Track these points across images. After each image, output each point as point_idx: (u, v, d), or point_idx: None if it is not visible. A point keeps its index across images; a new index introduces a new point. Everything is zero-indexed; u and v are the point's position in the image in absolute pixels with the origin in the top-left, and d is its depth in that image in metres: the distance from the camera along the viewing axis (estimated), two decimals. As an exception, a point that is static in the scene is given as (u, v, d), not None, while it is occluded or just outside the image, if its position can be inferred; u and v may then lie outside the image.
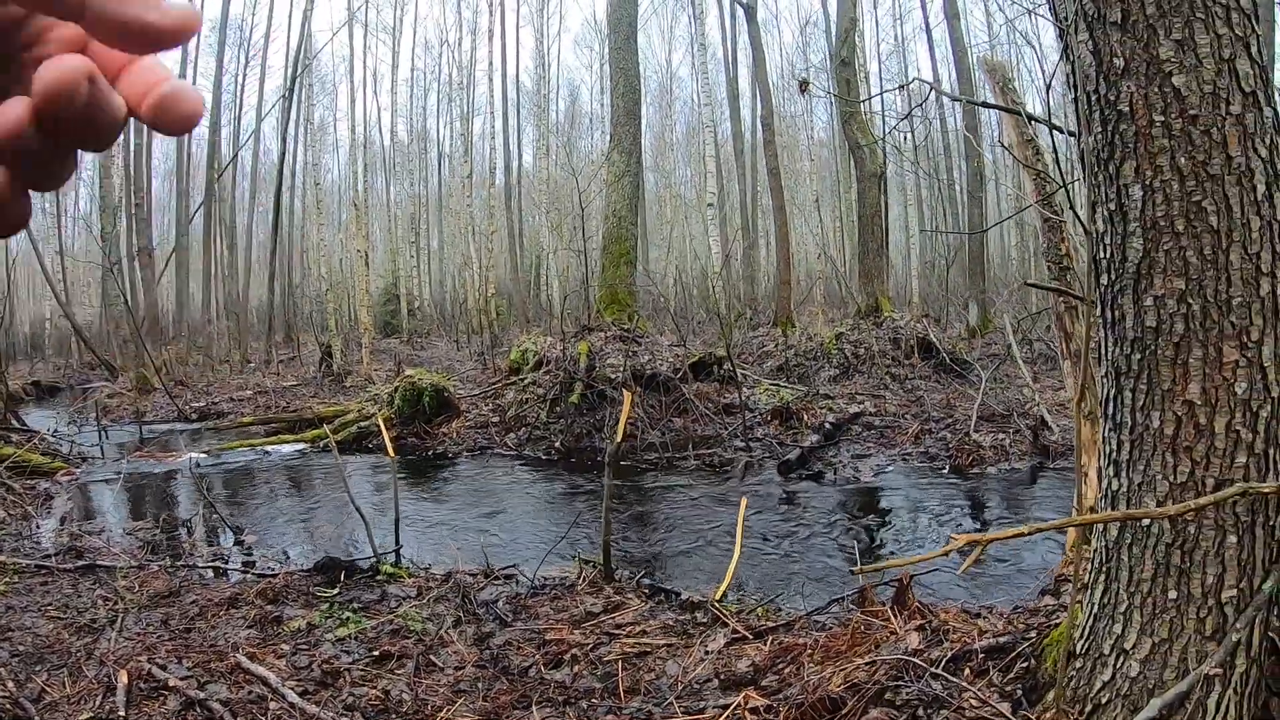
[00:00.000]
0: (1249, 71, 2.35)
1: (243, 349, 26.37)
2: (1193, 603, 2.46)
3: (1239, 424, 2.39)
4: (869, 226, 19.34)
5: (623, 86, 16.88)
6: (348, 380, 19.06)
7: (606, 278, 16.03)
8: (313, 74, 24.26)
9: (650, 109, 39.28)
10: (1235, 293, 2.36)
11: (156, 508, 8.75)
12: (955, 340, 18.34)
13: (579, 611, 5.09)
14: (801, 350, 16.92)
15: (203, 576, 6.21)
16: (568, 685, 4.10)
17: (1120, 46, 2.41)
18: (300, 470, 10.98)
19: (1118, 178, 2.49)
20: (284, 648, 4.50)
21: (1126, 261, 2.51)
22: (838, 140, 32.02)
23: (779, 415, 12.01)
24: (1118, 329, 2.58)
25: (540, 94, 34.89)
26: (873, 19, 35.80)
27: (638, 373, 12.12)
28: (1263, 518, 2.42)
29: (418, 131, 42.45)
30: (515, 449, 11.68)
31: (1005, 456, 9.77)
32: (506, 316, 32.41)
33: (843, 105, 19.37)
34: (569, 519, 7.91)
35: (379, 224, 44.79)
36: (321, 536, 7.74)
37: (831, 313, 25.23)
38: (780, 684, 3.76)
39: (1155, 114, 2.38)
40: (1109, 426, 2.68)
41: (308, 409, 14.39)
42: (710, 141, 24.26)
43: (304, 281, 35.47)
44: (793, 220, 28.29)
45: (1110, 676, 2.61)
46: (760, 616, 4.94)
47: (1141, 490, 2.55)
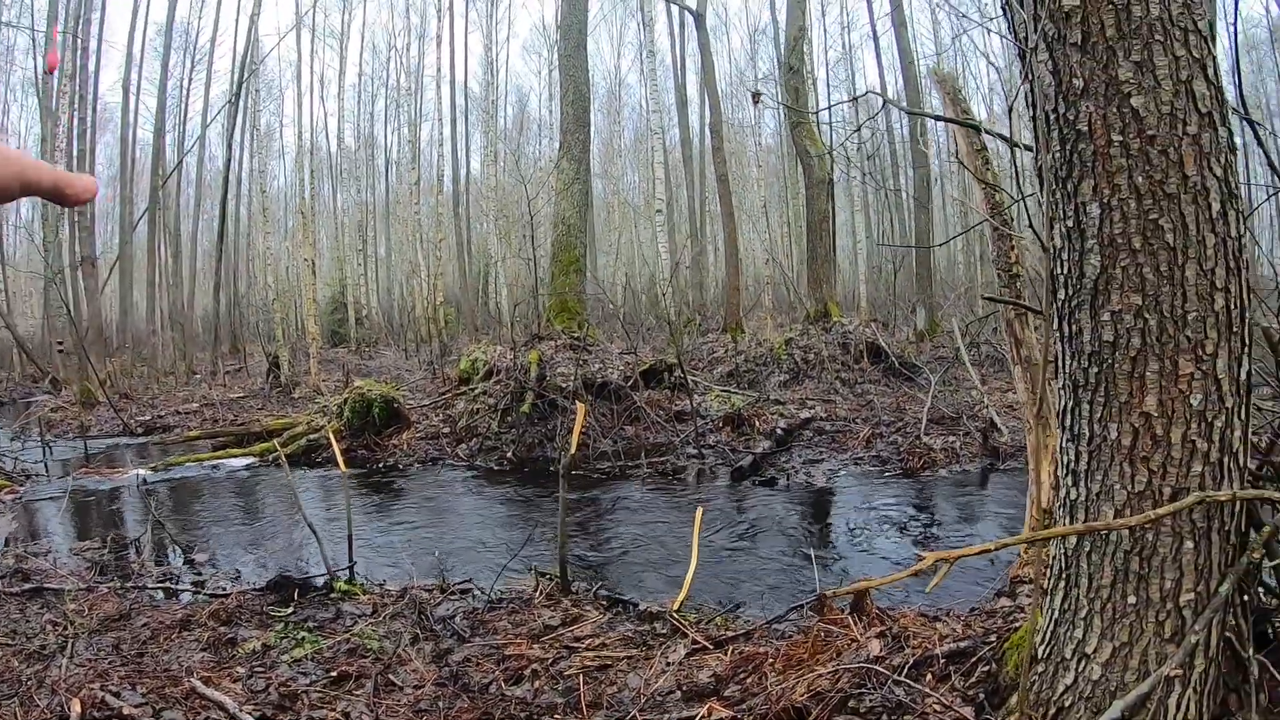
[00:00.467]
0: (1205, 93, 2.41)
1: (188, 360, 25.92)
2: (1152, 607, 2.52)
3: (1195, 434, 2.46)
4: (817, 232, 19.50)
5: (572, 94, 16.88)
6: (296, 391, 18.84)
7: (556, 285, 16.00)
8: (259, 79, 23.90)
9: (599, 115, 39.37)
10: (1190, 308, 2.42)
11: (104, 526, 8.56)
12: (904, 344, 18.55)
13: (537, 625, 5.07)
14: (751, 356, 17.03)
15: (153, 598, 6.08)
16: (529, 701, 4.08)
17: (1080, 67, 2.47)
18: (250, 485, 10.83)
19: (1076, 195, 2.54)
20: (239, 670, 4.42)
21: (1084, 277, 2.56)
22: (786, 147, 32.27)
23: (730, 422, 12.07)
24: (1075, 343, 2.64)
25: (489, 100, 34.78)
26: (821, 27, 36.13)
27: (589, 381, 12.12)
28: (1218, 524, 2.49)
29: (365, 138, 42.16)
30: (467, 460, 11.61)
31: (956, 459, 9.91)
32: (455, 325, 32.22)
33: (792, 113, 19.52)
34: (524, 531, 7.88)
35: (326, 232, 44.26)
36: (274, 554, 7.63)
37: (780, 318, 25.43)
38: (743, 694, 3.77)
39: (1114, 134, 2.43)
40: (1066, 437, 2.74)
41: (256, 422, 14.20)
42: (659, 148, 24.32)
43: (250, 290, 34.99)
44: (741, 226, 28.44)
45: (1073, 680, 2.67)
46: (720, 626, 4.95)
47: (1100, 499, 2.61)
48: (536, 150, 42.72)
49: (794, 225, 32.72)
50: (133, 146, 30.77)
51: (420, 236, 31.63)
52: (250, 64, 23.27)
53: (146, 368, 23.97)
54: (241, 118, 27.98)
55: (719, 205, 26.31)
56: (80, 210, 21.62)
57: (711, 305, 31.40)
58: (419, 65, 36.78)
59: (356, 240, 38.87)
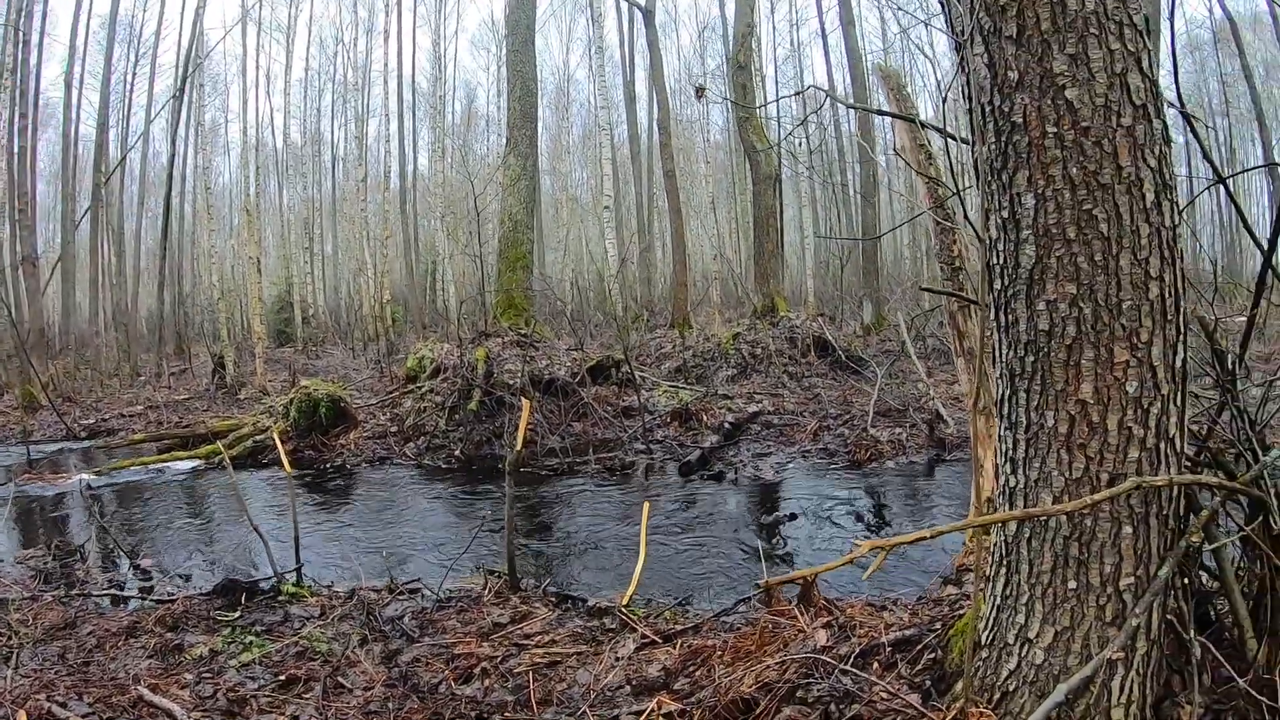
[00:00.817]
0: (1140, 85, 2.45)
1: (132, 361, 25.43)
2: (1092, 591, 2.56)
3: (1131, 421, 2.50)
4: (764, 228, 19.61)
5: (519, 89, 16.81)
6: (242, 392, 18.58)
7: (503, 282, 15.93)
8: (204, 73, 23.49)
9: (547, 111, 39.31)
10: (1125, 296, 2.46)
11: (48, 533, 8.36)
12: (850, 338, 18.73)
13: (486, 623, 5.04)
14: (699, 351, 17.08)
15: (99, 605, 5.96)
16: (479, 700, 4.05)
17: (1015, 60, 2.50)
18: (196, 488, 10.66)
19: (1011, 186, 2.57)
20: (187, 677, 4.34)
21: (1020, 267, 2.59)
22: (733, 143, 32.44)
23: (678, 417, 12.10)
24: (1012, 332, 2.67)
25: (437, 96, 34.52)
26: (769, 24, 36.29)
27: (536, 378, 12.08)
28: (1156, 508, 2.53)
29: (311, 134, 41.57)
30: (415, 458, 11.53)
31: (903, 450, 10.01)
32: (402, 323, 31.98)
33: (739, 109, 19.59)
34: (472, 529, 7.83)
35: (272, 229, 43.70)
36: (220, 557, 7.52)
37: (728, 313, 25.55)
38: (692, 687, 3.78)
39: (1048, 125, 2.46)
40: (1005, 425, 2.77)
41: (201, 424, 13.96)
42: (607, 144, 24.30)
43: (195, 290, 34.39)
44: (689, 222, 28.50)
45: (1016, 665, 2.70)
46: (669, 620, 4.96)
47: (1038, 486, 2.64)
48: (485, 146, 42.58)
49: (742, 221, 32.91)
50: (75, 143, 30.09)
51: (367, 234, 31.39)
52: (195, 58, 22.92)
53: (90, 370, 23.45)
54: (186, 113, 27.58)
55: (667, 201, 26.34)
56: (20, 208, 21.16)
57: (659, 301, 31.46)
58: (367, 60, 36.51)
59: (303, 238, 38.36)
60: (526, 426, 6.23)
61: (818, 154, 31.16)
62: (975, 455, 3.86)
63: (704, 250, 33.66)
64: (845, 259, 26.68)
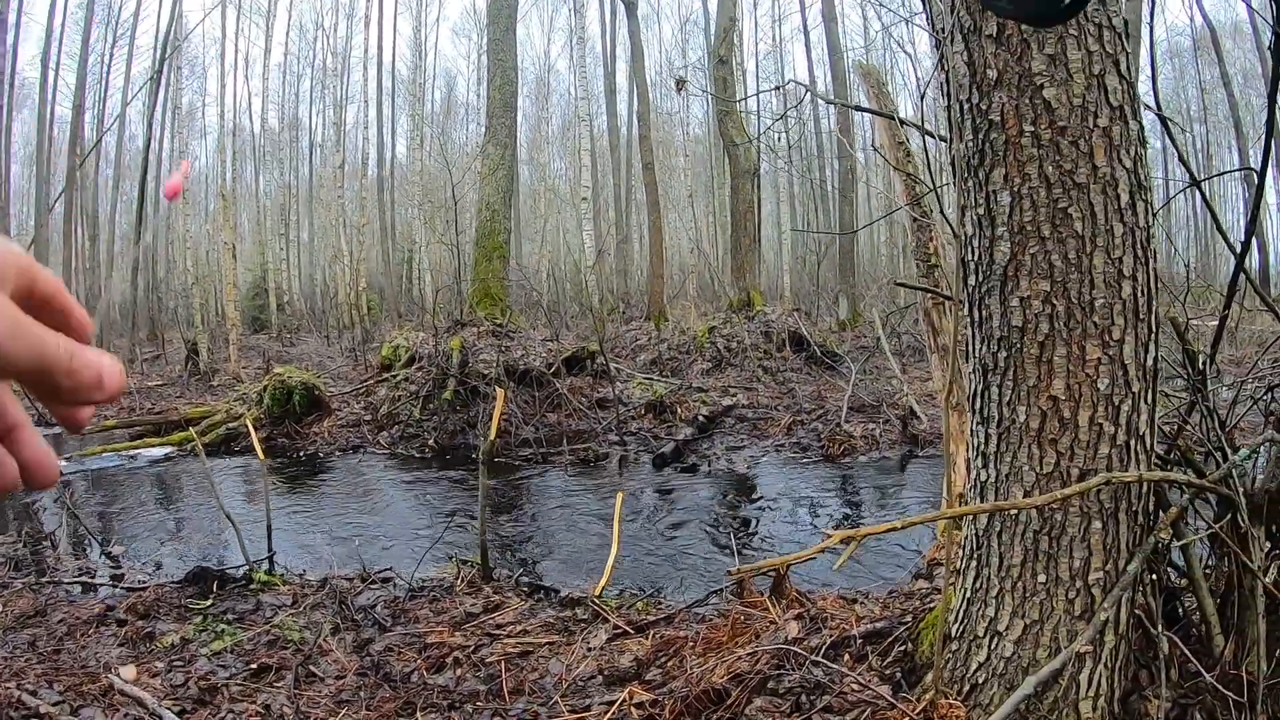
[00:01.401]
0: (1117, 87, 2.47)
1: (105, 346, 25.01)
2: (1061, 585, 2.59)
3: (1101, 417, 2.53)
4: (742, 222, 19.65)
5: (500, 79, 16.76)
6: (215, 379, 18.46)
7: (479, 272, 15.89)
8: (183, 56, 23.28)
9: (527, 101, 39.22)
10: (1098, 294, 2.49)
11: (18, 520, 8.26)
12: (826, 333, 18.78)
13: (459, 613, 5.05)
14: (674, 344, 17.11)
15: (70, 593, 5.92)
16: (451, 689, 4.06)
17: (994, 59, 2.51)
18: (168, 475, 10.58)
19: (987, 184, 2.59)
20: (158, 665, 4.32)
21: (994, 264, 2.61)
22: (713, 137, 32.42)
23: (653, 409, 12.12)
24: (985, 328, 2.69)
25: (416, 83, 34.33)
26: (752, 19, 36.38)
27: (511, 368, 12.08)
28: (1125, 504, 2.56)
29: (289, 119, 41.28)
30: (388, 447, 11.49)
31: (876, 445, 10.07)
32: (378, 311, 31.84)
33: (719, 103, 19.61)
34: (445, 518, 7.84)
35: (247, 215, 43.36)
36: (192, 545, 7.47)
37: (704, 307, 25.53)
38: (664, 678, 3.80)
39: (1025, 124, 2.49)
40: (977, 420, 2.79)
41: (174, 410, 13.85)
42: (586, 135, 24.24)
43: (169, 275, 34.10)
44: (666, 215, 28.50)
45: (986, 657, 2.73)
46: (641, 611, 4.98)
47: (1009, 480, 2.67)
48: (464, 135, 42.43)
49: (719, 215, 32.96)
50: (50, 124, 29.71)
51: (344, 221, 31.20)
52: (174, 40, 22.72)
53: (61, 355, 23.19)
54: (163, 96, 27.27)
55: (645, 194, 26.33)
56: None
57: (636, 293, 31.46)
58: (346, 46, 36.29)
59: (279, 224, 38.12)
60: (501, 416, 6.23)
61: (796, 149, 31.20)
62: (948, 450, 3.89)
63: (681, 243, 33.70)
64: (822, 255, 26.77)
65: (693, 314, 22.04)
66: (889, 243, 34.12)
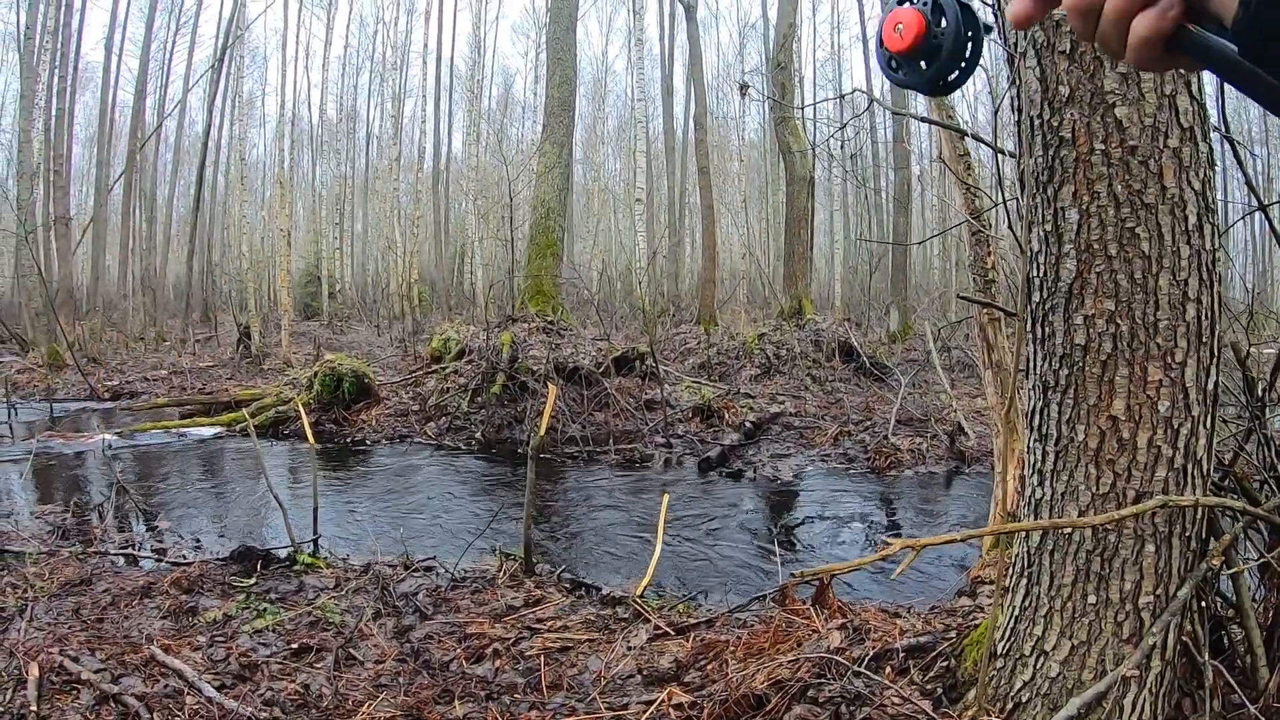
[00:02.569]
0: (1189, 108, 2.45)
1: (158, 326, 25.66)
2: (1111, 607, 2.56)
3: (1160, 440, 2.50)
4: (795, 229, 19.58)
5: (559, 77, 16.83)
6: (266, 363, 18.72)
7: (532, 268, 15.97)
8: (244, 46, 23.62)
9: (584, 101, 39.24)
10: (1162, 316, 2.46)
11: (67, 491, 8.45)
12: (875, 345, 18.68)
13: (500, 605, 5.07)
14: (724, 349, 17.09)
15: (115, 564, 6.03)
16: (490, 680, 4.08)
17: (1067, 75, 2.50)
18: (216, 455, 10.75)
19: (1055, 200, 2.57)
20: (200, 639, 4.39)
21: (1059, 281, 2.60)
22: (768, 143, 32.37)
23: (700, 413, 12.11)
24: (1047, 345, 2.67)
25: (474, 79, 34.53)
26: (811, 25, 36.27)
27: (560, 366, 12.12)
28: (1179, 528, 2.53)
29: (347, 111, 41.77)
30: (435, 438, 11.59)
31: (922, 460, 9.98)
32: (429, 303, 32.09)
33: (777, 109, 19.55)
34: (489, 511, 7.89)
35: (303, 203, 43.94)
36: (237, 524, 7.59)
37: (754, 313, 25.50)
38: (703, 680, 3.80)
39: (1096, 142, 2.47)
40: (1034, 438, 2.77)
41: (224, 391, 14.09)
42: (642, 137, 24.29)
43: (224, 259, 34.65)
44: (720, 220, 28.48)
45: (1030, 676, 2.71)
46: (682, 613, 4.98)
47: (1064, 499, 2.65)
48: (519, 133, 42.62)
49: (773, 221, 32.85)
50: (112, 108, 30.37)
51: (398, 213, 31.51)
52: (235, 30, 23.05)
53: (116, 332, 23.69)
54: (224, 84, 27.74)
55: (699, 197, 26.34)
56: (56, 169, 21.34)
57: (686, 296, 31.44)
58: (406, 40, 36.60)
59: (333, 213, 38.52)
60: (550, 413, 6.26)
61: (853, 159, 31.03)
62: (999, 469, 3.87)
63: (733, 249, 33.65)
64: (874, 265, 26.60)
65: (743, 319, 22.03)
66: (942, 255, 33.78)
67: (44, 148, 21.62)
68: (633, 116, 25.65)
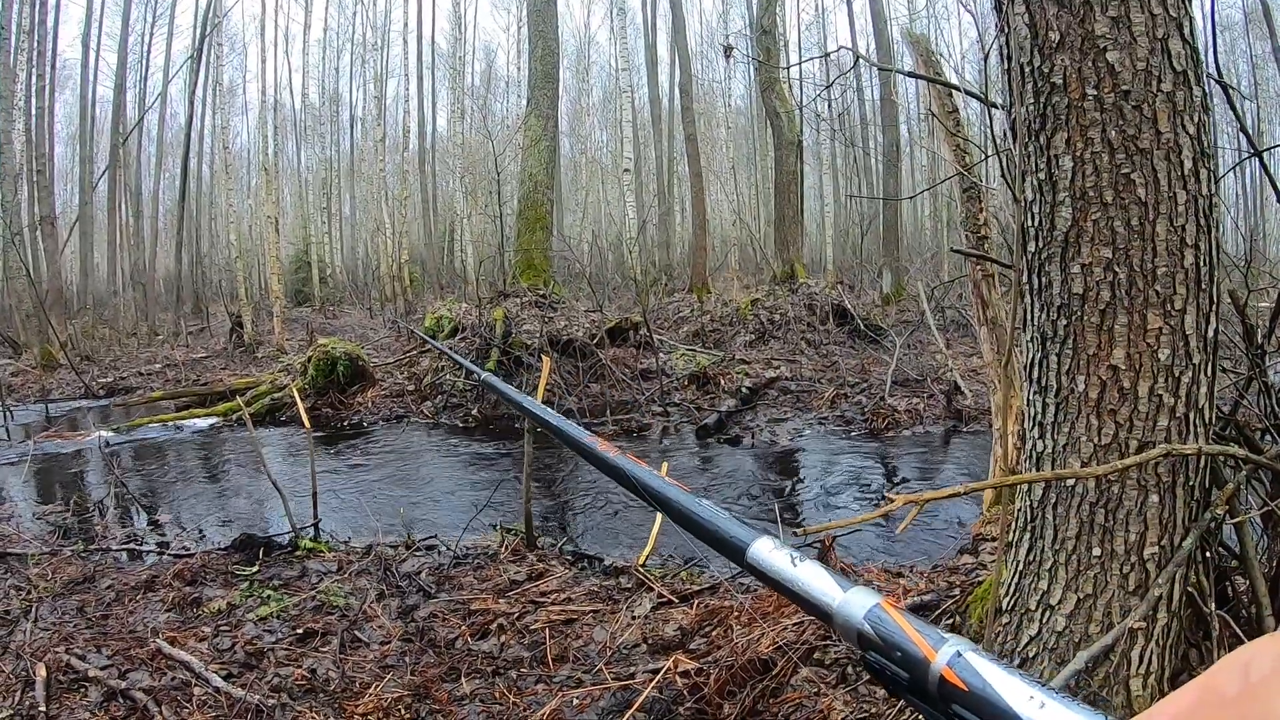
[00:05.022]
0: (1181, 51, 2.41)
1: (150, 321, 25.58)
2: (1116, 559, 2.54)
3: (1161, 388, 2.47)
4: (785, 194, 19.52)
5: (541, 50, 16.70)
6: (259, 351, 18.71)
7: (522, 243, 15.91)
8: (222, 34, 23.37)
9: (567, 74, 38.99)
10: (1160, 263, 2.43)
11: (66, 490, 8.43)
12: (869, 307, 18.66)
13: (503, 580, 5.08)
14: (717, 316, 17.09)
15: (117, 560, 6.04)
16: (495, 655, 4.09)
17: (1056, 20, 2.45)
18: (213, 445, 10.74)
19: (1048, 148, 2.53)
20: (205, 630, 4.39)
21: (1055, 230, 2.56)
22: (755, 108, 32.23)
23: (696, 380, 12.12)
24: (1044, 295, 2.64)
25: (456, 56, 34.39)
26: (795, -12, 35.90)
27: (554, 339, 12.10)
28: (1183, 478, 2.51)
29: (330, 94, 41.47)
30: (431, 417, 11.58)
31: (919, 420, 9.99)
32: (420, 283, 32.02)
33: (763, 72, 19.44)
34: (488, 487, 7.88)
35: (290, 189, 43.73)
36: (238, 513, 7.58)
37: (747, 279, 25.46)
38: (709, 647, 3.80)
39: (1088, 88, 2.43)
40: (1033, 390, 2.74)
41: (219, 381, 14.05)
42: (628, 107, 24.11)
43: (213, 249, 34.54)
44: (709, 187, 28.39)
45: (1037, 631, 2.69)
46: (685, 580, 4.98)
47: (1066, 451, 2.62)
48: (504, 108, 42.33)
49: (762, 187, 32.77)
50: (92, 104, 30.11)
51: (385, 194, 31.34)
52: (213, 18, 22.82)
53: (108, 329, 23.60)
54: (204, 73, 27.52)
55: (687, 166, 26.22)
56: (39, 168, 21.18)
57: (678, 265, 31.39)
58: (386, 20, 36.27)
59: (320, 198, 38.38)
60: (545, 386, 6.23)
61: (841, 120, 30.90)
62: (998, 425, 3.85)
63: (723, 215, 33.49)
64: (865, 227, 26.54)
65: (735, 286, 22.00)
66: (933, 216, 33.76)
67: (26, 148, 21.44)
68: (617, 86, 25.51)
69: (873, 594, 0.71)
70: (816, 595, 0.74)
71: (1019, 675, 0.55)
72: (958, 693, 0.60)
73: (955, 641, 0.63)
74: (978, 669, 0.59)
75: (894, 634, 0.67)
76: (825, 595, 0.73)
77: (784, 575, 0.77)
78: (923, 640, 0.64)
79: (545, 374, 6.24)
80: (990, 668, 0.59)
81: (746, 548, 0.83)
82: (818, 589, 0.74)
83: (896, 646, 0.67)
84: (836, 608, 0.72)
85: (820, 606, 0.74)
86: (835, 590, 0.73)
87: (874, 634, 0.68)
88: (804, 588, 0.76)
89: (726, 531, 0.88)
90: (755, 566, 0.82)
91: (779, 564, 0.78)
